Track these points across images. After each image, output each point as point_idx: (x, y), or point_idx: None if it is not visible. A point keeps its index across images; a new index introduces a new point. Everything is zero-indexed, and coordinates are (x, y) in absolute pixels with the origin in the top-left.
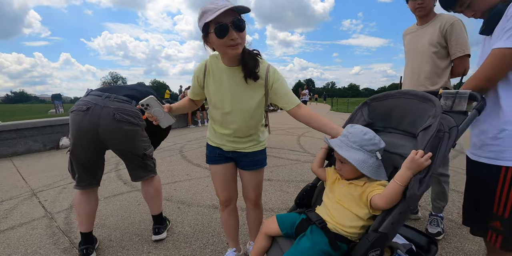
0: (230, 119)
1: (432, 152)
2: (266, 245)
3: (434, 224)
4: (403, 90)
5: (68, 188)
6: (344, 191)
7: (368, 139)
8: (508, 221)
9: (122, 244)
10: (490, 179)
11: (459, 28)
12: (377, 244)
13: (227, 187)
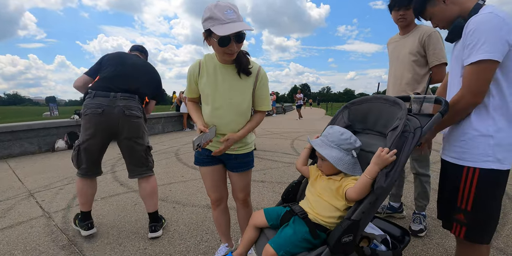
0: (220, 114)
1: (397, 149)
2: (254, 236)
3: (417, 222)
4: (377, 95)
5: (64, 189)
6: (323, 185)
7: (345, 139)
8: (470, 213)
9: (119, 241)
10: (454, 177)
11: (436, 39)
12: (349, 230)
13: (217, 188)
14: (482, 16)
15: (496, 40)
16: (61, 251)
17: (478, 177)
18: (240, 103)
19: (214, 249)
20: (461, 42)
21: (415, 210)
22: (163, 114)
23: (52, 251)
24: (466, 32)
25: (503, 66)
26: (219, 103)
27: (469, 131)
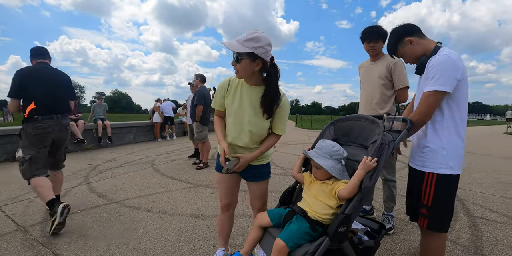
0: (240, 129)
1: (377, 158)
2: (259, 235)
3: (386, 221)
4: (359, 115)
5: (35, 202)
6: (318, 188)
7: (336, 151)
8: (431, 208)
9: (109, 252)
10: (419, 180)
11: (400, 67)
12: (344, 222)
13: (229, 194)
14: (439, 57)
15: (448, 77)
16: None
17: (436, 180)
18: (257, 122)
19: (208, 255)
20: (424, 75)
21: (384, 211)
22: (134, 124)
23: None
24: (427, 67)
25: (453, 95)
26: (240, 119)
27: (428, 145)
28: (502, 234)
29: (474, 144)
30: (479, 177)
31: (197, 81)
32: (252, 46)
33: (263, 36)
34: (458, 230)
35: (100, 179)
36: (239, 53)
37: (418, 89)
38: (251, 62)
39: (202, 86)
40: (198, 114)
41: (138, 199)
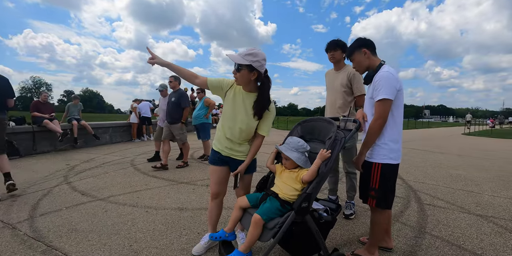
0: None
1: (331, 150)
2: (239, 215)
3: (348, 208)
4: (319, 117)
5: (18, 201)
6: (287, 175)
7: (301, 145)
8: (377, 190)
9: (102, 242)
10: (368, 169)
11: (358, 77)
12: (306, 199)
13: (219, 183)
14: (383, 73)
15: (392, 88)
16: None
17: (381, 168)
18: (248, 123)
19: (194, 240)
20: (371, 86)
21: (347, 199)
22: (110, 124)
23: (34, 255)
24: (374, 81)
25: (394, 102)
26: (234, 119)
27: (377, 143)
28: (444, 216)
29: (434, 144)
30: (433, 171)
31: (176, 83)
32: (250, 60)
33: (260, 53)
34: (408, 214)
35: (81, 178)
36: (240, 64)
37: (367, 96)
38: (248, 72)
39: (180, 88)
40: (186, 116)
41: (123, 196)
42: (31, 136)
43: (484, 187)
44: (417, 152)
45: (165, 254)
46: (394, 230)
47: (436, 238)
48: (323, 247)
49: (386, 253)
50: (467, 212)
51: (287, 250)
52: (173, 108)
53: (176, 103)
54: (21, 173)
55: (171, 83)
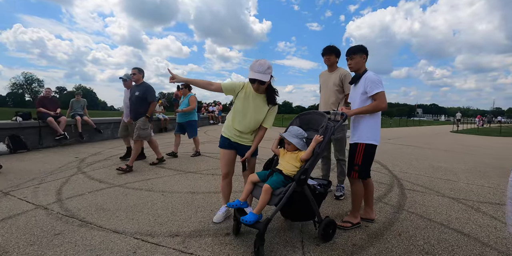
0: (241, 120)
1: (323, 136)
2: (251, 188)
3: (339, 191)
4: (314, 110)
5: (41, 188)
6: (289, 156)
7: (300, 133)
8: (360, 165)
9: (130, 217)
10: (353, 149)
11: (349, 78)
12: (304, 172)
13: (228, 165)
14: (370, 74)
15: (381, 83)
16: (81, 228)
17: (364, 147)
18: (255, 119)
19: (209, 216)
20: (360, 84)
21: (338, 183)
22: (112, 120)
23: (72, 228)
24: (366, 81)
25: None
26: (244, 114)
27: (360, 127)
28: (420, 198)
29: (422, 140)
30: (417, 163)
31: (140, 76)
32: (270, 73)
33: (269, 62)
34: (390, 196)
35: (94, 169)
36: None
37: (354, 92)
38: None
39: (144, 81)
40: (152, 110)
41: (137, 183)
42: (37, 131)
43: (461, 176)
44: (405, 147)
45: (186, 225)
46: (376, 207)
47: (411, 214)
48: (317, 213)
49: (369, 223)
50: (441, 195)
51: (289, 217)
52: (137, 103)
53: (141, 97)
54: (34, 165)
55: (134, 76)
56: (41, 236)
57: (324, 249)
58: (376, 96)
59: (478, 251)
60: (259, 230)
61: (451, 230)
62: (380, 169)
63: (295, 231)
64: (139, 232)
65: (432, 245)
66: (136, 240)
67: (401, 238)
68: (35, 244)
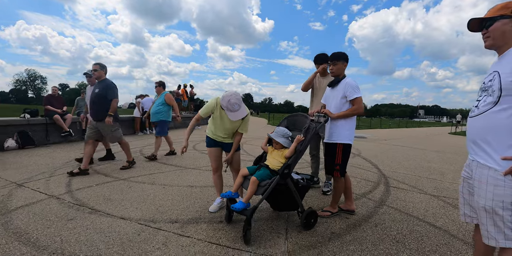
0: (221, 130)
1: (304, 136)
2: (241, 180)
3: (326, 186)
4: (300, 113)
5: (51, 180)
6: (276, 153)
7: (286, 133)
8: (340, 164)
9: (134, 206)
10: (333, 149)
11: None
12: (287, 167)
13: (216, 160)
14: (350, 80)
15: (358, 89)
16: (91, 215)
17: (343, 147)
18: (233, 128)
19: (206, 206)
20: (339, 88)
21: (326, 180)
22: None
23: (83, 215)
24: (345, 85)
25: None
26: (223, 126)
27: (338, 129)
28: (403, 195)
29: (418, 141)
30: (407, 163)
31: (102, 72)
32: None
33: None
34: (374, 193)
35: (99, 164)
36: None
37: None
38: None
39: (106, 78)
40: (114, 108)
41: (141, 177)
42: (44, 127)
43: (447, 176)
44: (399, 148)
45: (185, 213)
46: (360, 202)
47: (391, 208)
48: (300, 204)
49: (349, 215)
50: (424, 193)
51: (275, 207)
52: (97, 101)
53: (100, 95)
54: (43, 160)
55: (96, 72)
56: (56, 221)
57: (305, 235)
58: (354, 101)
59: (445, 241)
60: (247, 216)
61: (424, 223)
62: (370, 168)
63: (281, 221)
64: (142, 218)
65: (404, 235)
66: (140, 225)
67: (377, 228)
68: (51, 227)
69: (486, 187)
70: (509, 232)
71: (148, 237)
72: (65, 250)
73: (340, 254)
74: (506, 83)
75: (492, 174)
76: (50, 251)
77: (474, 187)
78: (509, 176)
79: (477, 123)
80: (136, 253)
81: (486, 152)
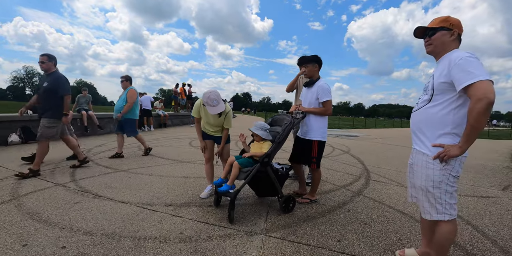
0: (209, 127)
1: (283, 129)
2: (229, 168)
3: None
4: (283, 113)
5: (56, 171)
6: (257, 145)
7: (263, 126)
8: (316, 157)
9: (133, 193)
10: (309, 144)
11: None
12: (267, 156)
13: (209, 151)
14: (325, 84)
15: (329, 92)
16: (95, 199)
17: (318, 143)
18: (217, 124)
19: (198, 194)
20: (314, 89)
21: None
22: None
23: (88, 199)
24: (317, 87)
25: None
26: (208, 122)
27: (314, 128)
28: (380, 187)
29: (408, 140)
30: (392, 160)
31: (50, 64)
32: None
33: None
34: (354, 185)
35: (100, 158)
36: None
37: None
38: None
39: (57, 71)
40: (67, 106)
41: (139, 169)
42: None
43: None
44: (389, 146)
45: (178, 199)
46: (338, 192)
47: (366, 197)
48: (279, 190)
49: (326, 202)
50: (400, 186)
51: (258, 193)
52: (45, 96)
53: (50, 89)
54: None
55: (43, 65)
56: (64, 204)
57: (283, 217)
58: (324, 103)
59: (408, 224)
60: (231, 197)
61: (393, 210)
62: (356, 163)
63: (264, 206)
64: (140, 202)
65: (372, 219)
66: (138, 207)
67: (349, 213)
68: (60, 208)
69: (421, 169)
70: (439, 207)
71: (145, 217)
72: (74, 226)
73: (311, 232)
74: (436, 84)
75: (425, 158)
76: (61, 226)
77: (414, 170)
78: (437, 160)
79: (416, 117)
80: (135, 228)
81: (422, 140)
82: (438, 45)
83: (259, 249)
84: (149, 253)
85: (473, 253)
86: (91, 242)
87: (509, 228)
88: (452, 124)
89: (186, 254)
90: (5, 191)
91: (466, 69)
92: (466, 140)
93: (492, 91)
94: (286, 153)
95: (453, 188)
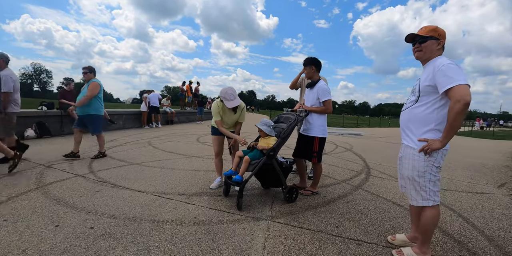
0: (227, 122)
1: (288, 126)
2: (238, 160)
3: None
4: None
5: (74, 164)
6: (263, 140)
7: (268, 122)
8: (317, 152)
9: (148, 183)
10: (311, 140)
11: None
12: (272, 150)
13: (219, 146)
14: (322, 83)
15: (328, 92)
16: (113, 188)
17: (319, 140)
18: (233, 121)
19: (207, 185)
20: (315, 90)
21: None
22: (124, 111)
23: (107, 188)
24: (318, 89)
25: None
26: (226, 119)
27: (315, 125)
28: (379, 182)
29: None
30: (393, 158)
31: (1, 61)
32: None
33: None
34: (354, 180)
35: (113, 152)
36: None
37: (309, 94)
38: None
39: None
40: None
41: (151, 162)
42: (59, 119)
43: None
44: (392, 145)
45: (190, 189)
46: (339, 186)
47: (365, 191)
48: (284, 181)
49: (327, 194)
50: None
51: (262, 183)
52: None
53: None
54: (62, 147)
55: None
56: (86, 192)
57: (287, 206)
58: (325, 103)
59: (402, 215)
60: (240, 187)
61: (390, 202)
62: (357, 160)
63: (269, 196)
64: (156, 191)
65: (368, 209)
66: (154, 196)
67: (348, 204)
68: (83, 196)
69: (408, 161)
70: (424, 194)
71: (161, 204)
72: (98, 210)
73: (312, 219)
74: (422, 87)
75: (412, 151)
76: (86, 211)
77: (403, 162)
78: (422, 153)
79: (404, 115)
80: (153, 213)
81: (409, 136)
82: (427, 52)
83: (265, 232)
84: (168, 233)
85: (460, 240)
86: (116, 223)
87: (498, 220)
88: (435, 121)
89: (200, 235)
90: (31, 180)
91: (447, 74)
92: (446, 135)
93: (468, 93)
94: (289, 149)
95: (436, 177)
